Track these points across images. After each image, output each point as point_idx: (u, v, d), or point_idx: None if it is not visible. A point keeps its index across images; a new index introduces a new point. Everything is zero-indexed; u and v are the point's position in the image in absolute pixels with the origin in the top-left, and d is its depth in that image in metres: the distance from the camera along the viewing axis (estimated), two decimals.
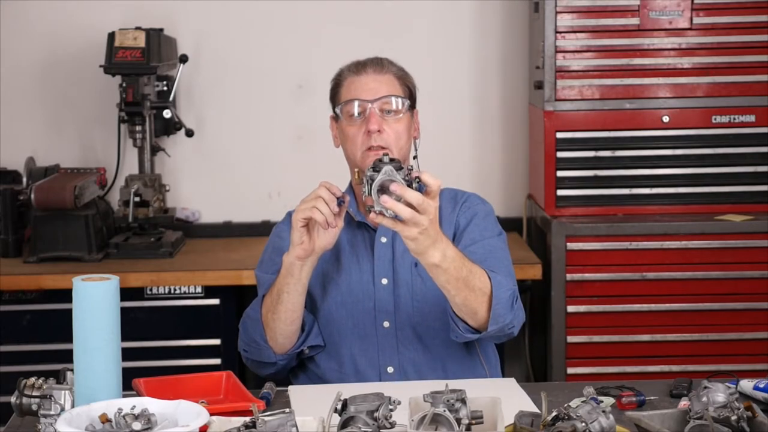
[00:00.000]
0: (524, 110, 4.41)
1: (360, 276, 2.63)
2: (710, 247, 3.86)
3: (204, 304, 3.85)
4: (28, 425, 2.19)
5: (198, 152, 4.40)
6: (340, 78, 2.68)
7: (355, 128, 2.59)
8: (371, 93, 2.60)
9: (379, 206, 2.23)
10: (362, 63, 2.67)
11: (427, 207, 2.24)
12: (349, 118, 2.61)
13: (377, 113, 2.58)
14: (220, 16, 4.37)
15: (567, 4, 3.93)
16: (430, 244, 2.29)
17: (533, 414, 2.09)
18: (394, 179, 2.22)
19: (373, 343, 2.61)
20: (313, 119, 4.38)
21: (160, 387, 2.35)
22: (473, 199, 2.73)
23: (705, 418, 1.97)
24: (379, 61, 2.67)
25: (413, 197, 2.22)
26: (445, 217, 2.66)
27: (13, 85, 4.35)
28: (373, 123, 2.56)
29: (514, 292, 2.50)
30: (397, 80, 2.64)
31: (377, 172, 2.24)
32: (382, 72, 2.64)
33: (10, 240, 4.01)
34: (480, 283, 2.41)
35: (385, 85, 2.62)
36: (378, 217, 2.24)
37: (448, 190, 2.73)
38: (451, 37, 4.40)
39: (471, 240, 2.62)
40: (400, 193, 2.22)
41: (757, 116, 3.96)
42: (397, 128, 2.59)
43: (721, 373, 2.98)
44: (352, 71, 2.66)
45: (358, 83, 2.62)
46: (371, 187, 2.23)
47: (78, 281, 2.14)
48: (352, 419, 2.01)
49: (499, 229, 2.69)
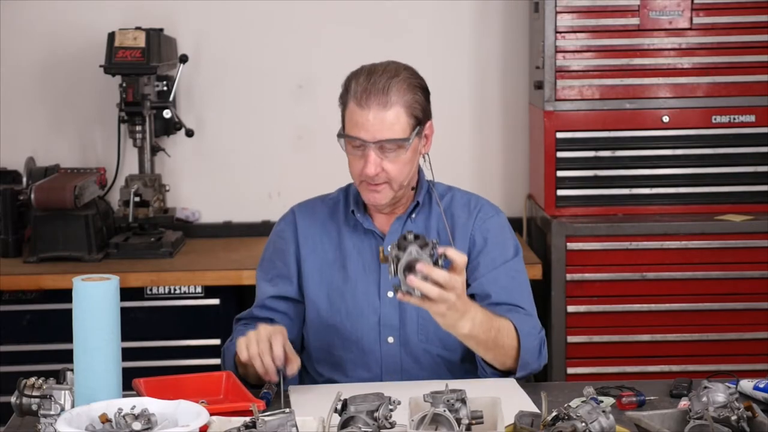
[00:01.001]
0: (524, 110, 4.41)
1: (366, 287, 2.61)
2: (710, 247, 3.86)
3: (204, 304, 3.85)
4: (28, 425, 2.19)
5: (198, 152, 4.40)
6: (347, 95, 2.54)
7: (355, 157, 2.53)
8: (371, 133, 2.48)
9: (406, 286, 2.23)
10: (368, 93, 2.49)
11: (454, 284, 2.24)
12: (350, 147, 2.54)
13: (376, 154, 2.50)
14: (220, 16, 4.37)
15: (567, 4, 3.93)
16: (459, 317, 2.31)
17: (533, 414, 2.09)
18: (420, 258, 2.22)
19: (376, 359, 2.59)
20: (313, 119, 4.39)
21: (160, 387, 2.35)
22: (487, 209, 2.68)
23: (705, 418, 1.97)
24: (385, 91, 2.49)
25: (440, 276, 2.22)
26: (459, 227, 2.63)
27: (13, 85, 4.35)
28: (370, 167, 2.49)
29: (541, 340, 2.52)
30: (405, 110, 2.50)
31: (402, 250, 2.23)
32: (386, 108, 2.48)
33: (10, 240, 4.01)
34: (508, 339, 2.45)
35: (388, 123, 2.49)
36: (405, 296, 2.24)
37: (460, 194, 2.70)
38: (451, 37, 4.40)
39: (492, 264, 2.60)
40: (427, 272, 2.21)
41: (757, 116, 3.96)
42: (399, 162, 2.52)
43: (721, 373, 2.97)
44: (356, 99, 2.50)
45: (360, 117, 2.49)
46: (397, 267, 2.23)
47: (78, 281, 2.14)
48: (352, 419, 2.01)
49: (514, 242, 2.67)
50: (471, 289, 2.59)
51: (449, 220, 2.63)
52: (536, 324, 2.56)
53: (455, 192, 2.70)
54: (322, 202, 2.73)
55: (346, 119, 2.54)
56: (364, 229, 2.64)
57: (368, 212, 2.66)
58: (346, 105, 2.53)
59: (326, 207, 2.71)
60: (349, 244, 2.63)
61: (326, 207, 2.71)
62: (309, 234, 2.68)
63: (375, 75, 2.52)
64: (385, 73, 2.52)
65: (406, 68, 2.56)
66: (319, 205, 2.73)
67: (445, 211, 2.64)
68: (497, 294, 2.57)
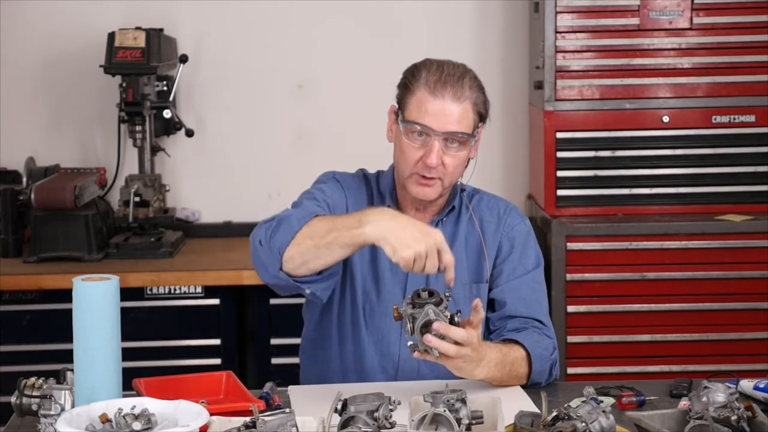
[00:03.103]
0: (524, 110, 4.41)
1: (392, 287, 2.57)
2: (710, 247, 3.86)
3: (204, 304, 3.85)
4: (28, 425, 2.19)
5: (198, 152, 4.40)
6: (415, 81, 2.50)
7: (413, 147, 2.49)
8: (441, 122, 2.46)
9: (423, 345, 2.24)
10: (443, 82, 2.47)
11: (471, 339, 2.26)
12: (410, 134, 2.49)
13: (440, 145, 2.47)
14: (220, 16, 4.37)
15: (567, 4, 3.93)
16: (475, 366, 2.33)
17: (533, 414, 2.09)
18: (437, 318, 2.23)
19: (393, 363, 2.58)
20: (313, 119, 4.39)
21: (160, 387, 2.35)
22: (514, 216, 2.66)
23: (705, 418, 1.97)
24: (461, 83, 2.48)
25: (458, 335, 2.24)
26: (490, 234, 2.62)
27: (13, 85, 4.35)
28: (433, 157, 2.46)
29: (553, 361, 2.52)
30: (472, 107, 2.49)
31: (417, 308, 2.23)
32: (460, 100, 2.47)
33: (10, 240, 4.01)
34: (521, 369, 2.46)
35: (457, 115, 2.46)
36: (423, 354, 2.25)
37: (488, 197, 2.68)
38: (451, 37, 4.40)
39: (514, 273, 2.60)
40: (444, 332, 2.22)
41: (757, 116, 3.96)
42: (457, 159, 2.50)
43: (721, 373, 2.97)
44: (429, 87, 2.47)
45: (431, 106, 2.46)
46: (414, 326, 2.23)
47: (78, 281, 2.14)
48: (352, 419, 2.01)
49: (537, 252, 2.66)
50: (491, 294, 2.61)
51: (478, 224, 2.63)
52: (549, 344, 2.54)
53: (483, 195, 2.69)
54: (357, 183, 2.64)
55: (410, 106, 2.48)
56: None
57: (400, 209, 2.60)
58: (413, 92, 2.49)
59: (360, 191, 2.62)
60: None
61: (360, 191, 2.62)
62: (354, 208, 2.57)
63: (447, 68, 2.51)
64: (457, 68, 2.52)
65: (470, 68, 2.57)
66: (356, 183, 2.63)
67: (473, 215, 2.63)
68: (516, 305, 2.57)
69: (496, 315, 2.59)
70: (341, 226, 2.32)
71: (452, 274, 2.30)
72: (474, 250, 2.62)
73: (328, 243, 2.32)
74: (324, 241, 2.33)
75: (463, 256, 2.61)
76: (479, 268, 2.61)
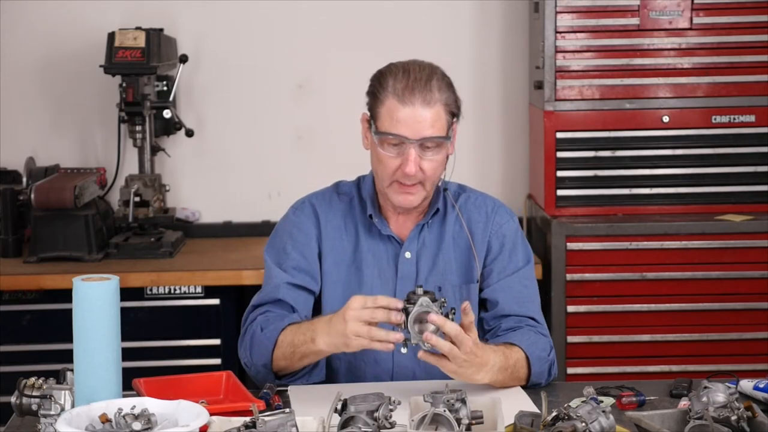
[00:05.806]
0: (524, 110, 4.41)
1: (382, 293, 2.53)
2: (710, 247, 3.86)
3: (204, 304, 3.85)
4: (28, 425, 2.19)
5: (198, 152, 4.40)
6: (383, 90, 2.47)
7: (389, 157, 2.47)
8: (414, 130, 2.43)
9: (416, 339, 2.23)
10: (411, 88, 2.44)
11: (463, 339, 2.26)
12: (385, 144, 2.47)
13: (417, 152, 2.45)
14: (220, 16, 4.37)
15: (567, 4, 3.93)
16: (476, 370, 2.33)
17: (533, 414, 2.09)
18: (430, 310, 2.22)
19: (387, 368, 2.58)
20: (313, 119, 4.39)
21: (160, 387, 2.35)
22: (502, 214, 2.65)
23: (705, 418, 1.97)
24: (428, 87, 2.45)
25: (451, 329, 2.23)
26: (478, 234, 2.61)
27: (13, 85, 4.34)
28: (411, 166, 2.44)
29: (551, 362, 2.51)
30: (444, 108, 2.47)
31: (412, 304, 2.23)
32: (430, 105, 2.44)
33: (10, 240, 4.01)
34: (522, 371, 2.46)
35: (430, 120, 2.44)
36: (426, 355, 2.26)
37: (474, 195, 2.68)
38: (451, 37, 4.40)
39: (504, 272, 2.60)
40: (439, 323, 2.22)
41: (757, 116, 3.96)
42: (435, 162, 2.49)
43: (721, 373, 2.98)
44: (397, 95, 2.44)
45: (402, 114, 2.43)
46: (408, 319, 2.23)
47: (78, 281, 2.14)
48: (352, 419, 2.01)
49: (526, 249, 2.66)
50: (482, 294, 2.61)
51: (465, 224, 2.62)
52: (546, 344, 2.54)
53: (469, 193, 2.68)
54: (338, 197, 2.65)
55: (382, 116, 2.46)
56: (380, 234, 2.60)
57: (383, 215, 2.61)
58: (381, 101, 2.46)
59: (343, 203, 2.64)
60: (365, 247, 2.60)
61: (343, 203, 2.64)
62: (329, 230, 2.61)
63: (413, 72, 2.47)
64: (423, 70, 2.49)
65: (436, 66, 2.53)
66: (336, 200, 2.65)
67: (460, 214, 2.62)
68: (509, 304, 2.57)
69: (489, 315, 2.59)
70: (299, 343, 2.42)
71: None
72: (463, 250, 2.61)
73: (299, 358, 2.44)
74: (294, 358, 2.44)
75: (452, 257, 2.61)
76: (469, 269, 2.61)
